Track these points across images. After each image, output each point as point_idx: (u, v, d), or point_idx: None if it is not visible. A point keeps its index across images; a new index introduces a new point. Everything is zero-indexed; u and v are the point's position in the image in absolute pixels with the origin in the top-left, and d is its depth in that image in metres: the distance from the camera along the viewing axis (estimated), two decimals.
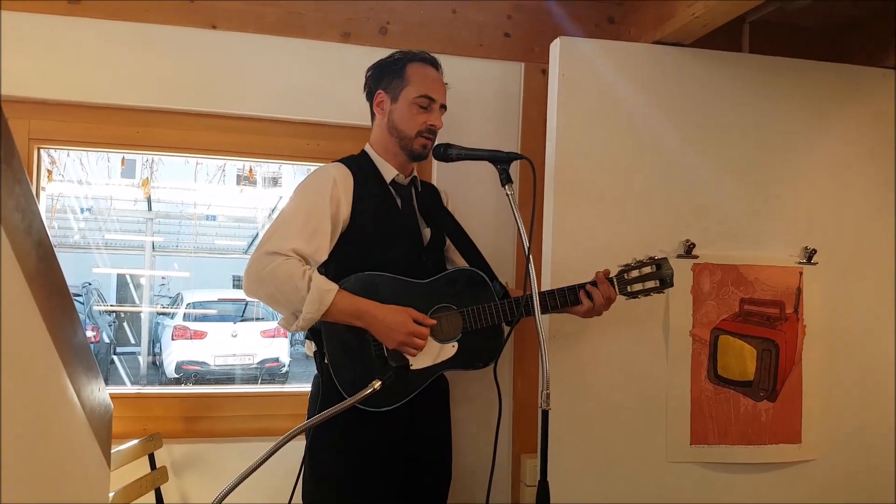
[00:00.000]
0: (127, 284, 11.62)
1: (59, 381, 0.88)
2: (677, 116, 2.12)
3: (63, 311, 0.87)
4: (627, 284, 1.84)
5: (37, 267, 0.77)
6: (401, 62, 1.88)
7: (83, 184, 7.01)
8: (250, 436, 2.30)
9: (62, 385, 0.88)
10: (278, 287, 1.66)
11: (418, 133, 1.85)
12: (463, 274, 1.88)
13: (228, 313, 9.46)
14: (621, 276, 1.84)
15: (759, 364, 2.13)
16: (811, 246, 2.16)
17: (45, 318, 0.83)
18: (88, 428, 0.98)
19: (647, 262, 1.84)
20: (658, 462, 2.10)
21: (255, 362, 8.81)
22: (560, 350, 2.05)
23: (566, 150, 2.06)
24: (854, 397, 2.22)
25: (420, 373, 1.78)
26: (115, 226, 9.78)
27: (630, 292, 1.84)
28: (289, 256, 1.67)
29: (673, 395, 2.10)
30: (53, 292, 0.84)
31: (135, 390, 2.50)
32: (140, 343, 9.83)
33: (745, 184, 2.16)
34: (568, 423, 2.04)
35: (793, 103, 2.18)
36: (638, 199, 2.10)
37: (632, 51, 2.13)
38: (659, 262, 1.85)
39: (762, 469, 2.16)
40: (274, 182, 10.42)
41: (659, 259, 1.85)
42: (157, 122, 2.22)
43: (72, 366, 0.90)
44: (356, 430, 1.77)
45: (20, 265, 0.75)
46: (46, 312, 0.80)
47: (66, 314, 0.89)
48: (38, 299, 0.78)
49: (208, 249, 11.37)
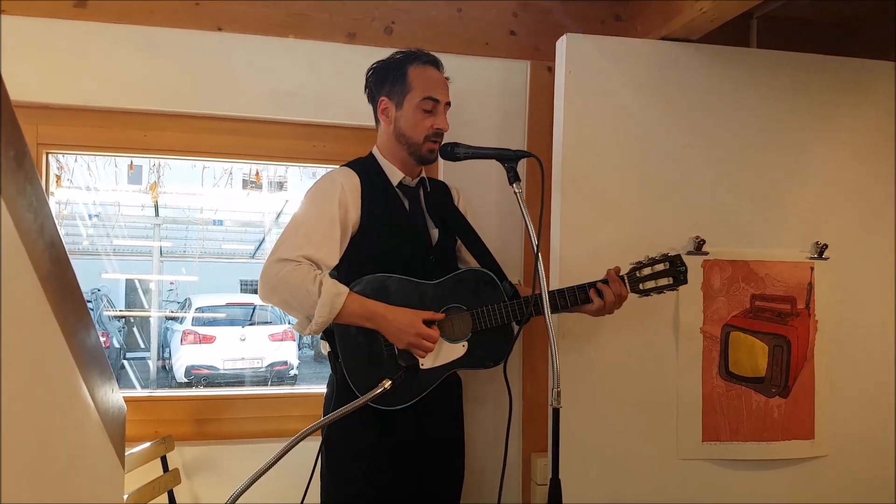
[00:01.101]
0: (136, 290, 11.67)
1: (74, 383, 0.88)
2: (685, 112, 2.11)
3: (76, 312, 0.88)
4: (640, 282, 1.82)
5: (50, 268, 0.77)
6: (401, 65, 1.87)
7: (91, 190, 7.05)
8: (261, 437, 2.30)
9: (76, 386, 0.89)
10: (291, 293, 1.69)
11: (426, 138, 1.85)
12: (472, 274, 1.88)
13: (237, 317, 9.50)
14: (633, 275, 1.82)
15: (770, 360, 2.12)
16: (822, 241, 2.14)
17: (58, 320, 0.83)
18: (103, 429, 0.98)
19: (660, 259, 1.83)
20: (670, 459, 2.09)
21: (264, 365, 8.84)
22: (570, 348, 2.05)
23: (573, 147, 2.06)
24: (867, 392, 2.21)
25: (431, 372, 1.79)
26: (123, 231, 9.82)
27: (642, 290, 1.83)
28: (299, 262, 1.70)
29: (684, 392, 2.09)
30: (67, 294, 0.84)
31: (146, 393, 2.51)
32: (150, 348, 9.88)
33: (755, 179, 2.15)
34: (578, 422, 2.03)
35: (801, 98, 2.17)
36: (646, 195, 2.10)
37: (638, 47, 2.12)
38: (672, 258, 1.83)
39: (775, 465, 2.14)
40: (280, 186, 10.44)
41: (672, 256, 1.83)
42: (164, 125, 2.23)
43: (85, 367, 0.90)
44: (370, 429, 1.78)
45: (34, 266, 0.75)
46: (60, 314, 0.80)
47: (79, 316, 0.89)
48: (52, 300, 0.78)
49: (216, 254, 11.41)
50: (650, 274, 1.82)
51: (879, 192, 2.23)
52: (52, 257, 0.78)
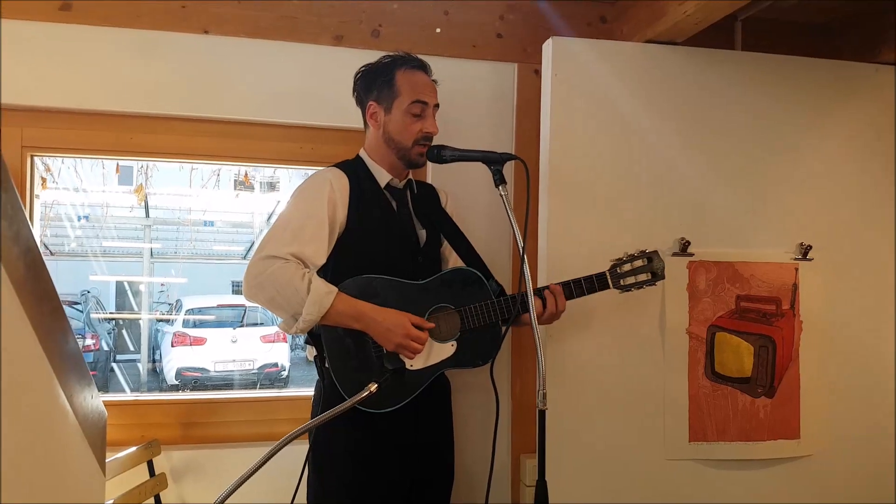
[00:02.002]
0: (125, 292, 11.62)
1: (51, 389, 0.87)
2: (671, 115, 2.12)
3: (53, 318, 0.87)
4: (620, 278, 1.85)
5: (25, 274, 0.77)
6: (389, 69, 1.87)
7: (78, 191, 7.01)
8: (249, 441, 2.29)
9: (54, 392, 0.88)
10: (278, 290, 1.67)
11: (415, 142, 1.85)
12: (459, 273, 1.88)
13: (228, 319, 9.45)
14: (614, 270, 1.85)
15: (756, 360, 2.13)
16: (806, 242, 2.16)
17: (34, 326, 0.83)
18: (82, 435, 0.98)
19: (638, 255, 1.87)
20: (657, 460, 2.10)
21: (256, 367, 8.80)
22: (557, 350, 2.05)
23: (560, 149, 2.06)
24: (853, 392, 2.22)
25: (420, 372, 1.78)
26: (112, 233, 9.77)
27: (623, 286, 1.86)
28: (287, 260, 1.68)
29: (671, 393, 2.10)
30: (43, 300, 0.83)
31: (132, 397, 2.50)
32: (140, 350, 9.82)
33: (740, 181, 2.16)
34: (566, 423, 2.04)
35: (787, 100, 2.18)
36: (632, 197, 2.10)
37: (624, 50, 2.13)
38: (650, 255, 1.87)
39: (761, 465, 2.15)
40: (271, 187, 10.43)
41: (650, 252, 1.87)
42: (151, 127, 2.21)
43: (63, 373, 0.90)
44: (358, 432, 1.77)
45: (8, 273, 0.74)
46: (36, 320, 0.80)
47: (56, 322, 0.89)
48: (28, 307, 0.78)
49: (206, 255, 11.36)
50: (630, 270, 1.86)
51: (865, 193, 2.25)
52: (27, 264, 0.77)
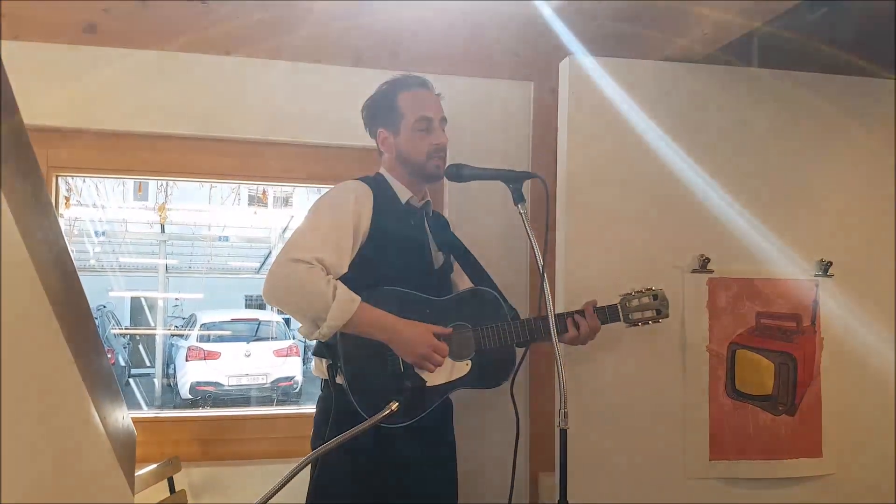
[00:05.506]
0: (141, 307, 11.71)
1: (85, 409, 0.89)
2: (688, 132, 2.12)
3: (88, 340, 0.89)
4: (630, 312, 1.88)
5: (64, 297, 0.79)
6: (390, 95, 1.89)
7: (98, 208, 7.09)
8: (267, 458, 2.30)
9: (88, 412, 0.90)
10: (303, 294, 1.66)
11: (428, 156, 1.87)
12: (477, 293, 1.89)
13: (242, 333, 9.51)
14: (624, 304, 1.87)
15: (777, 378, 2.11)
16: (826, 258, 2.15)
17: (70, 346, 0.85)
18: (113, 455, 0.99)
19: (646, 292, 1.89)
20: (677, 478, 2.08)
21: (269, 381, 8.83)
22: (576, 368, 2.05)
23: (577, 168, 2.07)
24: (876, 409, 2.19)
25: (435, 389, 1.78)
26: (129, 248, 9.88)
27: (632, 320, 1.88)
28: (312, 265, 1.66)
29: (691, 411, 2.08)
30: (80, 321, 0.85)
31: (152, 414, 2.52)
32: (154, 365, 9.89)
33: (759, 198, 2.15)
34: (585, 441, 2.02)
35: (804, 117, 2.18)
36: (651, 215, 2.10)
37: (641, 68, 2.14)
38: (656, 292, 1.90)
39: (783, 484, 2.13)
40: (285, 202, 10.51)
41: (656, 290, 1.90)
42: (171, 147, 2.25)
43: (96, 393, 0.91)
44: (362, 447, 1.72)
45: (47, 295, 0.76)
46: (73, 343, 0.81)
47: (91, 344, 0.91)
48: (65, 329, 0.80)
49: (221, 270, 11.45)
50: (637, 305, 1.88)
51: (883, 208, 2.23)
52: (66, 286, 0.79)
